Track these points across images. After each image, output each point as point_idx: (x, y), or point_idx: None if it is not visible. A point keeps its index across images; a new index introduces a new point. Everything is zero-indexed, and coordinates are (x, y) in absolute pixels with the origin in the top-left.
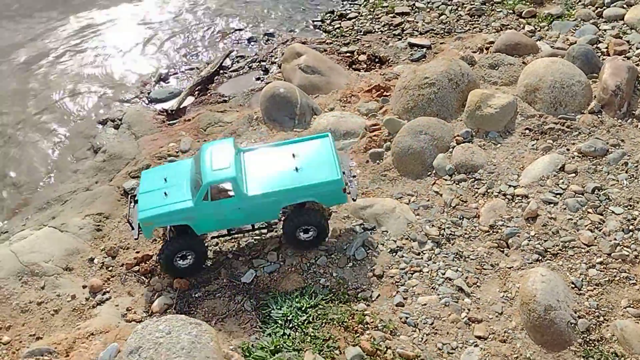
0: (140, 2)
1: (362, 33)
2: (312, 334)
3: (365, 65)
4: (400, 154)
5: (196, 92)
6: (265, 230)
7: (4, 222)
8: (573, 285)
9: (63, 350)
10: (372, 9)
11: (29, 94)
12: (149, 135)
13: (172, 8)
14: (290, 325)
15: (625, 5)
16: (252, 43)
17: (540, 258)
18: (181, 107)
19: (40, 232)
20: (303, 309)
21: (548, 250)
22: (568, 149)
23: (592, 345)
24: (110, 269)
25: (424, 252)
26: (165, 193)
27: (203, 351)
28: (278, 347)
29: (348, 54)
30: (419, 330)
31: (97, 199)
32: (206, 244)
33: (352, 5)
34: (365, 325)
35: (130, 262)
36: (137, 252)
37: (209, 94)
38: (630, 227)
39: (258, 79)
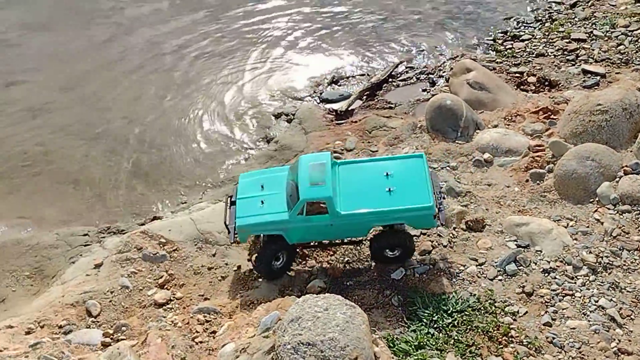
0: (322, 10)
1: (534, 55)
2: (456, 337)
3: (534, 87)
4: (563, 177)
5: (364, 97)
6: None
7: (184, 194)
8: None
9: (227, 312)
10: (546, 33)
11: (213, 86)
12: (318, 132)
13: (350, 16)
14: (435, 326)
15: None
16: (422, 56)
17: None
18: (349, 109)
19: (217, 205)
20: (449, 312)
21: None
22: None
23: None
24: None
25: (578, 277)
26: (262, 201)
27: (355, 331)
28: (422, 343)
29: (517, 75)
30: (565, 352)
31: None
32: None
33: (526, 28)
34: (510, 338)
35: None
36: None
37: (376, 100)
38: None
39: (424, 90)
